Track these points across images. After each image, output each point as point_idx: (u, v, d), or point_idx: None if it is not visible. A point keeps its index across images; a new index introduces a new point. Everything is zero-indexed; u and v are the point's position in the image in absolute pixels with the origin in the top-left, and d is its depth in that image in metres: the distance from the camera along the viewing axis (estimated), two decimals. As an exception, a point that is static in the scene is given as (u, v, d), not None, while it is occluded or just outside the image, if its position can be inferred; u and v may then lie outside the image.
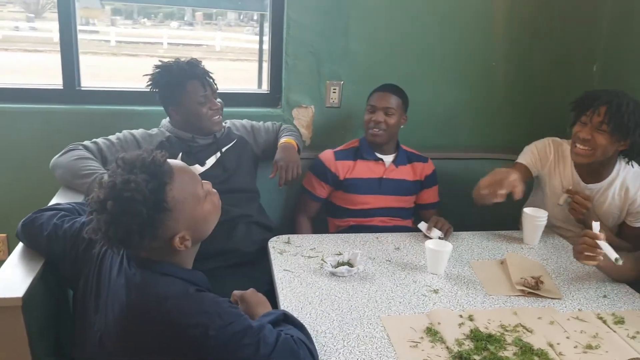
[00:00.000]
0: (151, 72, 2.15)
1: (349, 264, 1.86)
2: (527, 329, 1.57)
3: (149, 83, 2.15)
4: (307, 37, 2.57)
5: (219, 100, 2.20)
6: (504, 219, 2.29)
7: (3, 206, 2.44)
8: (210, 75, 2.18)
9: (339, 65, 2.63)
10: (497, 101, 2.84)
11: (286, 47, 2.56)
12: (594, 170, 2.19)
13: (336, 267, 1.84)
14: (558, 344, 1.51)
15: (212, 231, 1.43)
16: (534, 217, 2.13)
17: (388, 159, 2.42)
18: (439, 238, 2.05)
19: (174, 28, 15.65)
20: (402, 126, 2.43)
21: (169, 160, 1.28)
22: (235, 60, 11.70)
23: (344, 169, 2.39)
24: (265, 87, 2.74)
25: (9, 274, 1.42)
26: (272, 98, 2.69)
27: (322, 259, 1.92)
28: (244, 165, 2.27)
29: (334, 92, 2.64)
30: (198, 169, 2.16)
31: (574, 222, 2.25)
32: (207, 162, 2.19)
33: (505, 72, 2.81)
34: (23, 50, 10.48)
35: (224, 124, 2.29)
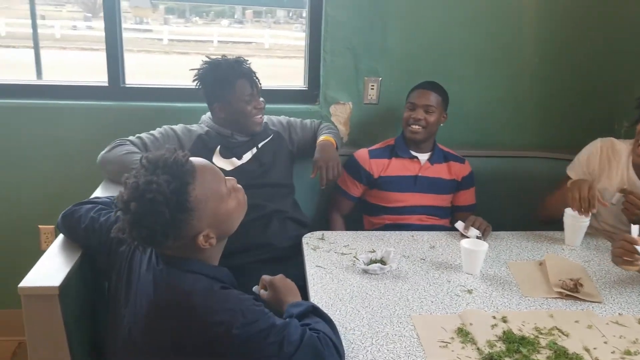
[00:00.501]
0: (198, 67, 2.17)
1: (382, 262, 1.84)
2: (562, 333, 1.53)
3: (195, 78, 2.18)
4: (345, 34, 2.55)
5: (262, 99, 2.21)
6: (546, 225, 2.23)
7: (51, 199, 2.52)
8: (256, 74, 2.18)
9: (376, 62, 2.60)
10: (538, 98, 2.75)
11: (324, 43, 2.55)
12: None
13: (369, 264, 1.83)
14: (595, 348, 1.46)
15: (247, 226, 1.44)
16: (576, 217, 2.06)
17: (423, 157, 2.39)
18: (477, 237, 2.01)
19: (225, 26, 15.88)
20: (441, 124, 2.40)
21: (191, 158, 1.29)
22: (283, 58, 11.77)
23: (379, 167, 2.37)
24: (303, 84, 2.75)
25: (48, 263, 1.47)
26: (310, 95, 2.68)
27: (354, 256, 1.91)
28: (280, 161, 2.28)
29: (372, 89, 2.62)
30: (235, 162, 2.18)
31: (625, 224, 2.16)
32: (244, 156, 2.21)
33: (547, 68, 2.71)
34: (80, 49, 10.84)
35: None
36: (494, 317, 1.59)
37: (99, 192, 1.99)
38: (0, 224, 2.60)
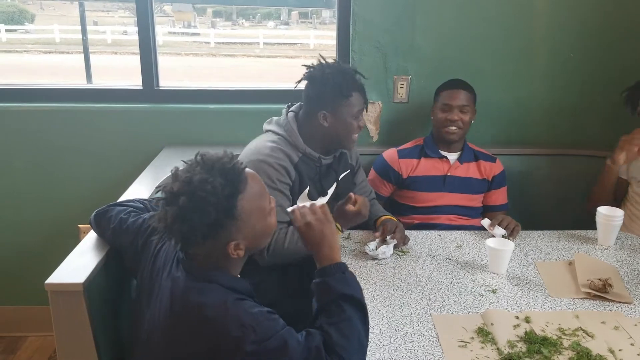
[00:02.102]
0: (310, 65, 2.01)
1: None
2: (587, 334, 1.50)
3: (305, 77, 1.99)
4: (373, 33, 2.54)
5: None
6: (578, 219, 2.17)
7: (88, 198, 2.61)
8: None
9: (405, 60, 2.58)
10: (575, 96, 2.66)
11: (352, 43, 2.55)
12: None
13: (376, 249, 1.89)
14: (620, 350, 1.43)
15: None
16: (609, 216, 2.00)
17: (453, 156, 2.36)
18: (503, 237, 1.98)
19: (271, 28, 16.05)
20: (472, 121, 2.37)
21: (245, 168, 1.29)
22: (327, 58, 11.80)
23: (407, 167, 2.36)
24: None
25: (75, 260, 1.53)
26: (340, 94, 2.68)
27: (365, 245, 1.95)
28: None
29: (402, 87, 2.60)
30: (322, 200, 2.06)
31: None
32: (329, 191, 2.09)
33: (584, 65, 2.63)
34: (131, 53, 11.17)
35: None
36: (517, 317, 1.57)
37: (132, 189, 2.06)
38: (42, 222, 2.71)
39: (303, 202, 1.97)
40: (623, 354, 1.41)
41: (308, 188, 2.00)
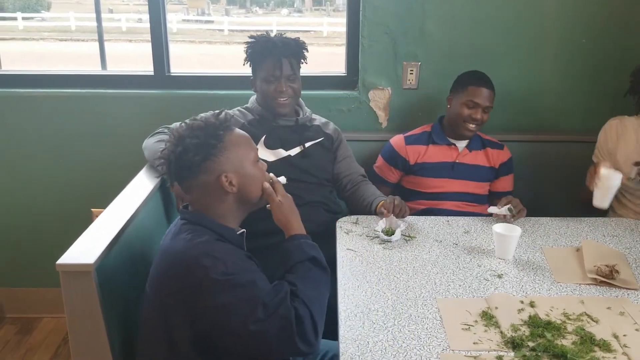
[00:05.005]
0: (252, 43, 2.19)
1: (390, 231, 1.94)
2: (592, 319, 1.49)
3: (245, 50, 2.21)
4: (383, 19, 2.53)
5: (291, 85, 2.14)
6: (588, 205, 2.16)
7: (100, 182, 2.65)
8: (302, 57, 2.16)
9: (415, 46, 2.57)
10: (586, 82, 2.64)
11: (362, 29, 2.54)
12: None
13: (387, 234, 1.93)
14: (625, 335, 1.42)
15: None
16: (606, 177, 2.01)
17: (461, 144, 2.35)
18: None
19: (284, 15, 16.01)
20: None
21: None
22: (341, 45, 11.75)
23: (415, 153, 2.36)
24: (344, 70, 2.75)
25: (86, 242, 1.56)
26: (349, 80, 2.69)
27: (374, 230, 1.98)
28: (326, 160, 2.25)
29: (411, 73, 2.59)
30: (281, 153, 2.16)
31: None
32: (291, 151, 2.17)
33: (596, 50, 2.60)
34: (146, 41, 11.18)
35: (316, 121, 2.30)
36: (522, 302, 1.57)
37: (143, 174, 2.08)
38: (56, 206, 2.75)
39: (261, 150, 2.10)
40: (627, 339, 1.40)
41: (265, 136, 2.17)
